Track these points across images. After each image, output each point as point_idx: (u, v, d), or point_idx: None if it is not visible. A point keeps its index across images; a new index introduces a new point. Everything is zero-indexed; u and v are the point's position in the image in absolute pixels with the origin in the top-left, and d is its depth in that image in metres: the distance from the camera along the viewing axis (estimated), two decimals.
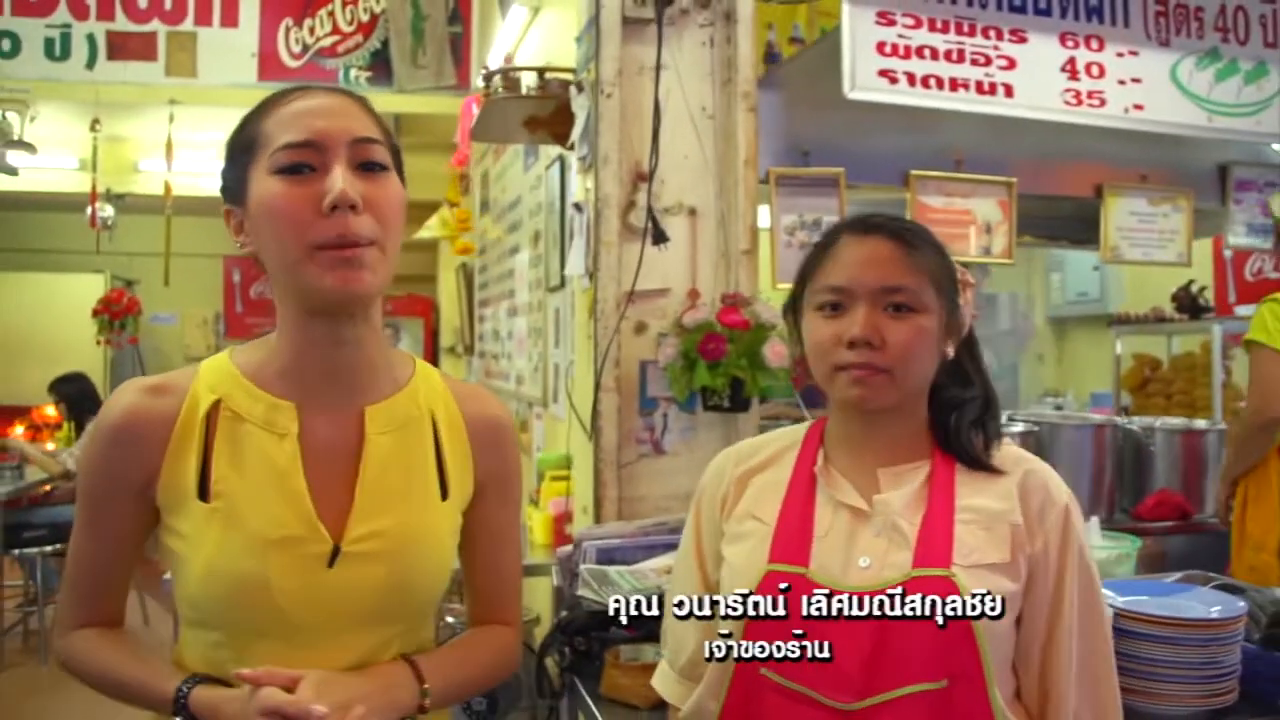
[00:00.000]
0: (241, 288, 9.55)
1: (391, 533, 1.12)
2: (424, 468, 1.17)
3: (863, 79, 2.78)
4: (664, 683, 1.39)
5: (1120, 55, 3.07)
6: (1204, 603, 1.78)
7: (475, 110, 3.35)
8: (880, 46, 2.82)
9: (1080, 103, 3.01)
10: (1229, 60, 3.19)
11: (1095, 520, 2.25)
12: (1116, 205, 3.29)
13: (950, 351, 1.27)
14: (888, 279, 1.21)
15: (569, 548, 2.27)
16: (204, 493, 1.09)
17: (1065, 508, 1.23)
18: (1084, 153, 3.29)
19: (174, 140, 5.87)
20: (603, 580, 2.06)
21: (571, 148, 2.80)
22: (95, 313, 6.90)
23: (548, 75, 2.92)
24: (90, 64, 5.55)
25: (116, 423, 1.12)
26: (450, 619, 3.20)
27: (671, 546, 1.82)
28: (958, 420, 1.26)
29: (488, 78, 3.01)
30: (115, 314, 6.87)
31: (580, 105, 2.68)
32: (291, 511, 1.09)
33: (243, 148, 1.11)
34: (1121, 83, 3.06)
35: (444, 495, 1.18)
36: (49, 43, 5.53)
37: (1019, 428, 2.88)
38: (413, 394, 1.19)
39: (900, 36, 2.84)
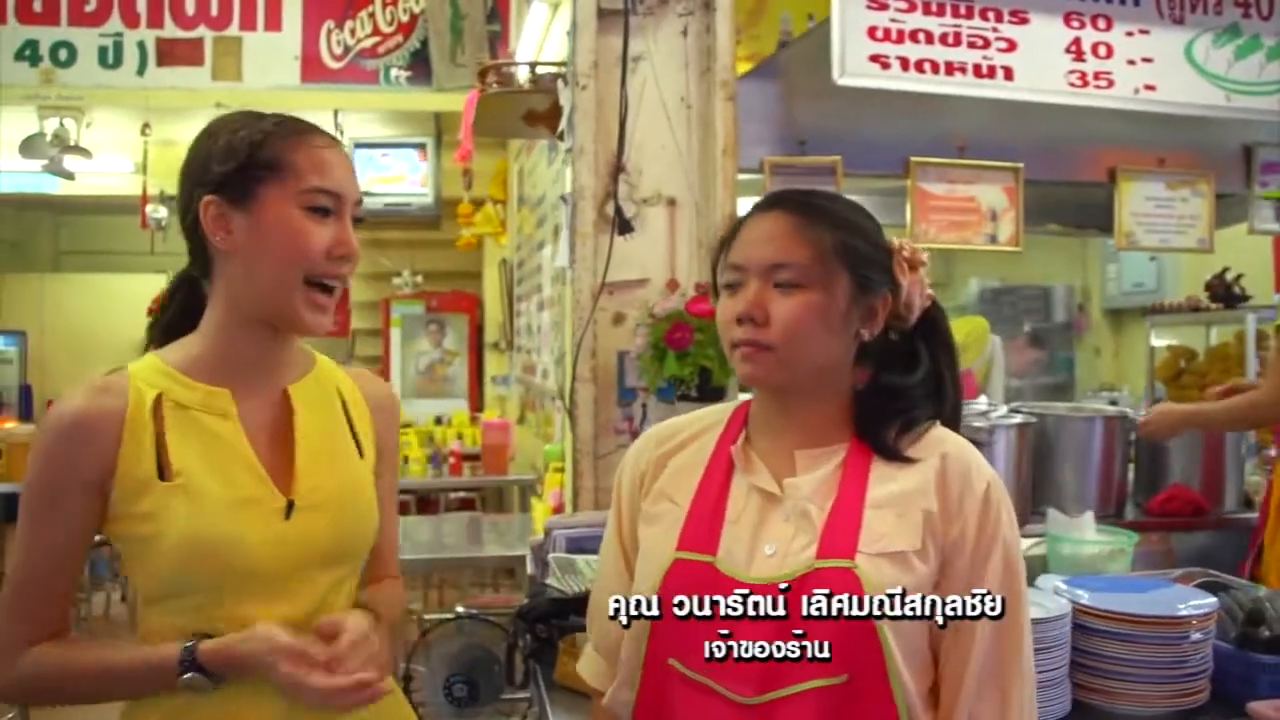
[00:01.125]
0: None
1: (330, 486, 1.29)
2: (342, 434, 1.35)
3: (853, 65, 2.74)
4: (589, 666, 1.37)
5: (1130, 34, 2.96)
6: (1179, 600, 1.70)
7: None
8: (872, 31, 2.77)
9: (1086, 84, 2.91)
10: (1250, 37, 3.05)
11: (1089, 515, 2.18)
12: (1131, 190, 3.18)
13: (867, 334, 1.22)
14: (775, 255, 1.18)
15: (540, 536, 2.27)
16: (163, 475, 1.19)
17: (985, 493, 1.17)
18: (1096, 136, 3.19)
19: None
20: (568, 569, 2.06)
21: (561, 139, 2.81)
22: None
23: (539, 70, 2.94)
24: (141, 70, 5.76)
25: (72, 420, 1.19)
26: (461, 608, 3.21)
27: None
28: (878, 407, 1.22)
29: (482, 73, 3.04)
30: None
31: (566, 98, 2.68)
32: (247, 475, 1.24)
33: (264, 164, 1.22)
34: (1131, 63, 2.95)
35: (360, 455, 1.36)
36: (102, 51, 5.76)
37: (1018, 419, 2.78)
38: (318, 376, 1.37)
39: (893, 20, 2.78)
